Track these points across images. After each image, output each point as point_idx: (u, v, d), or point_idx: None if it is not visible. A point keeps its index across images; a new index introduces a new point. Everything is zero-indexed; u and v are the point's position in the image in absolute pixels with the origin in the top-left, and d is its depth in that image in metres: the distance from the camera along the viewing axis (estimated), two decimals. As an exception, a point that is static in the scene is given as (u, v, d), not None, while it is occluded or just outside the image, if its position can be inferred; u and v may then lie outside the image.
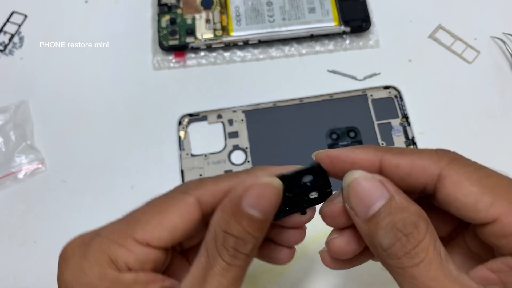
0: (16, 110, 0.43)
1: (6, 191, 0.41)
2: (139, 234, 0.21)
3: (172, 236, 0.21)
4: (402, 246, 0.19)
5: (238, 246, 0.20)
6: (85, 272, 0.20)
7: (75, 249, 0.21)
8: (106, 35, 0.47)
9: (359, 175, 0.21)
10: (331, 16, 0.45)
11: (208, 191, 0.22)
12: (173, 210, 0.21)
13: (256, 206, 0.20)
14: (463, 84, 0.44)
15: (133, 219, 0.21)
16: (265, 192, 0.21)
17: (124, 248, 0.20)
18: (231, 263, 0.20)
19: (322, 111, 0.43)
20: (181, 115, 0.43)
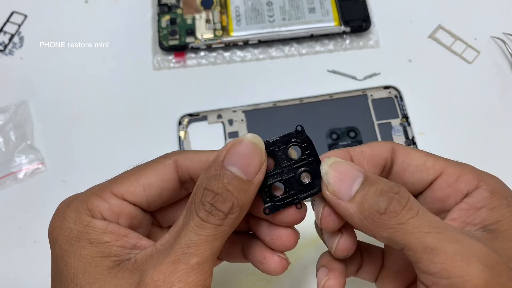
0: (16, 110, 0.43)
1: (6, 191, 0.41)
2: (116, 187, 0.23)
3: (146, 193, 0.23)
4: (398, 202, 0.21)
5: (216, 202, 0.20)
6: (65, 217, 0.22)
7: (65, 202, 0.23)
8: (106, 35, 0.47)
9: (333, 160, 0.23)
10: (331, 16, 0.45)
11: (187, 157, 0.24)
12: (150, 169, 0.23)
13: (237, 164, 0.21)
14: (463, 84, 0.44)
15: (115, 177, 0.24)
16: (246, 150, 0.21)
17: (100, 198, 0.22)
18: (206, 219, 0.20)
19: (322, 111, 0.43)
20: (181, 115, 0.43)
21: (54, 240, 0.22)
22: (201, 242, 0.20)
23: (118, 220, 0.22)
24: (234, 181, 0.21)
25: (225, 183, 0.20)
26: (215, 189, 0.20)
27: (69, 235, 0.21)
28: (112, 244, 0.21)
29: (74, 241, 0.21)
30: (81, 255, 0.21)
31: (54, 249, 0.22)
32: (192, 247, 0.20)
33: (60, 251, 0.21)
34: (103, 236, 0.21)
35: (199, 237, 0.20)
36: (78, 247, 0.21)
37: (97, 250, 0.21)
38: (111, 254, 0.21)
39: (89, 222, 0.22)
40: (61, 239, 0.21)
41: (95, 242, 0.21)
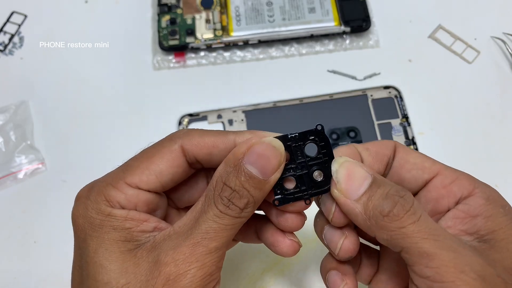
0: (16, 110, 0.43)
1: (6, 191, 0.41)
2: (129, 178, 0.24)
3: (159, 180, 0.24)
4: (402, 206, 0.21)
5: (233, 198, 0.22)
6: (87, 207, 0.23)
7: (84, 191, 0.25)
8: (106, 35, 0.47)
9: (344, 160, 0.24)
10: (331, 16, 0.45)
11: (193, 142, 0.24)
12: (159, 156, 0.24)
13: (255, 164, 0.22)
14: (463, 84, 0.44)
15: (126, 165, 0.25)
16: (266, 152, 0.22)
17: (116, 189, 0.23)
18: (224, 211, 0.22)
19: (322, 111, 0.43)
20: (181, 115, 0.43)
21: (78, 227, 0.23)
22: (220, 229, 0.22)
23: (136, 208, 0.24)
24: (251, 180, 0.22)
25: (242, 181, 0.22)
26: (233, 186, 0.22)
27: (92, 223, 0.23)
28: (134, 229, 0.23)
29: (97, 227, 0.23)
30: (105, 238, 0.23)
31: (79, 234, 0.23)
32: (211, 233, 0.22)
33: (84, 235, 0.23)
34: (125, 223, 0.23)
35: (218, 225, 0.22)
36: (102, 232, 0.23)
37: (119, 234, 0.23)
38: (132, 239, 0.23)
39: (110, 212, 0.23)
40: (86, 225, 0.23)
41: (117, 228, 0.23)
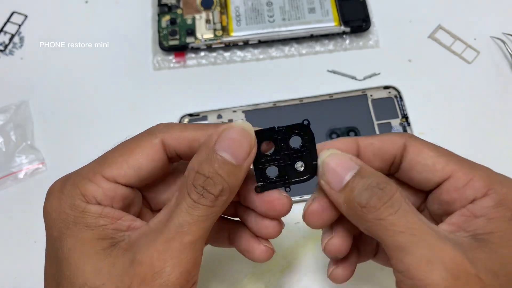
0: (16, 110, 0.43)
1: (6, 191, 0.41)
2: (107, 171, 0.23)
3: (137, 174, 0.23)
4: (379, 198, 0.21)
5: (207, 185, 0.21)
6: (61, 202, 0.23)
7: (57, 185, 0.24)
8: (106, 35, 0.47)
9: (332, 152, 0.23)
10: (331, 16, 0.45)
11: (174, 136, 0.24)
12: (139, 150, 0.23)
13: (228, 149, 0.22)
14: (463, 84, 0.44)
15: (103, 158, 0.24)
16: (237, 136, 0.22)
17: (93, 183, 0.23)
18: (198, 201, 0.21)
19: (322, 111, 0.43)
20: (181, 115, 0.43)
21: (51, 223, 0.23)
22: (193, 221, 0.21)
23: (112, 203, 0.23)
24: (224, 166, 0.22)
25: (215, 167, 0.21)
26: (206, 173, 0.21)
27: (66, 219, 0.22)
28: (108, 227, 0.22)
29: (71, 225, 0.22)
30: (78, 237, 0.22)
31: (52, 231, 0.23)
32: (185, 226, 0.21)
33: (57, 233, 0.22)
34: (99, 220, 0.22)
35: (192, 217, 0.21)
36: (75, 230, 0.22)
37: (94, 232, 0.22)
38: (107, 236, 0.22)
39: (84, 208, 0.22)
40: (58, 222, 0.22)
41: (91, 225, 0.22)
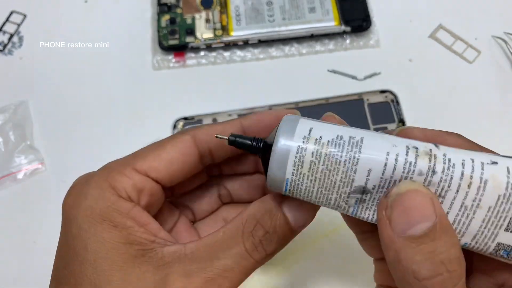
0: (15, 110, 0.43)
1: (6, 191, 0.41)
2: (138, 164, 0.22)
3: (168, 168, 0.22)
4: (442, 282, 0.17)
5: (264, 240, 0.21)
6: (85, 195, 0.21)
7: (81, 179, 0.22)
8: (106, 35, 0.47)
9: (418, 187, 0.18)
10: (331, 15, 0.45)
11: (204, 130, 0.24)
12: (170, 145, 0.23)
13: (293, 211, 0.21)
14: (463, 84, 0.44)
15: (134, 153, 0.23)
16: (307, 204, 0.21)
17: (123, 175, 0.21)
18: (250, 252, 0.21)
19: (318, 115, 0.42)
20: (176, 118, 0.43)
21: (71, 219, 0.21)
22: (238, 272, 0.20)
23: (140, 197, 0.22)
24: (284, 226, 0.21)
25: (277, 225, 0.21)
26: (267, 227, 0.21)
27: (90, 215, 0.20)
28: (136, 230, 0.21)
29: (96, 222, 0.20)
30: (104, 239, 0.20)
31: (70, 228, 0.20)
32: (229, 272, 0.20)
33: (78, 230, 0.20)
34: (126, 220, 0.20)
35: (238, 266, 0.20)
36: (101, 229, 0.20)
37: (121, 235, 0.20)
38: (135, 241, 0.20)
39: (114, 202, 0.21)
40: (80, 218, 0.20)
41: (119, 225, 0.20)
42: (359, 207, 0.20)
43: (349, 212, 0.21)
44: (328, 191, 0.20)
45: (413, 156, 0.19)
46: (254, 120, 0.24)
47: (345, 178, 0.20)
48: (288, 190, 0.21)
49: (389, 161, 0.19)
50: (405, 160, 0.19)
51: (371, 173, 0.19)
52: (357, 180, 0.19)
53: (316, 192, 0.20)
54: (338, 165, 0.19)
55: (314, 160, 0.20)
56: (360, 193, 0.20)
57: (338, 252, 0.37)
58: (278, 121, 0.22)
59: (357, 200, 0.20)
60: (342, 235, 0.37)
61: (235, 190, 0.27)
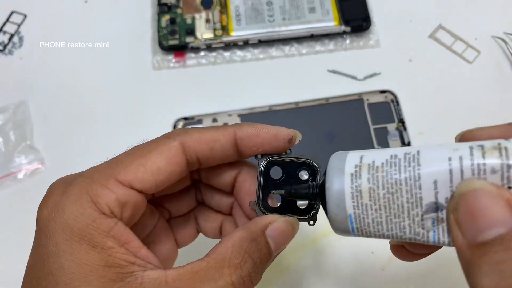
0: (15, 110, 0.43)
1: (6, 191, 0.41)
2: (122, 174, 0.20)
3: (155, 178, 0.21)
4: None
5: (253, 272, 0.20)
6: (63, 209, 0.19)
7: (57, 187, 0.21)
8: (106, 35, 0.47)
9: (483, 186, 0.16)
10: (331, 15, 0.45)
11: (193, 137, 0.22)
12: (156, 152, 0.21)
13: (275, 239, 0.21)
14: (463, 84, 0.44)
15: (116, 161, 0.21)
16: (287, 231, 0.22)
17: (105, 188, 0.20)
18: (236, 285, 0.20)
19: (318, 115, 0.42)
20: (176, 118, 0.43)
21: (48, 234, 0.19)
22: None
23: (122, 211, 0.20)
24: (267, 255, 0.21)
25: (262, 254, 0.21)
26: (255, 258, 0.20)
27: (69, 233, 0.19)
28: (116, 251, 0.19)
29: (74, 241, 0.19)
30: (82, 260, 0.19)
31: (46, 244, 0.19)
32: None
33: (54, 247, 0.19)
34: (107, 240, 0.19)
35: None
36: (78, 249, 0.19)
37: (100, 257, 0.19)
38: (114, 264, 0.19)
39: (95, 219, 0.19)
40: (58, 235, 0.19)
41: (98, 246, 0.19)
42: (439, 229, 0.18)
43: (430, 240, 0.18)
44: (398, 217, 0.18)
45: (479, 154, 0.17)
46: (250, 133, 0.23)
47: (411, 198, 0.18)
48: (355, 228, 0.19)
49: (453, 166, 0.17)
50: (471, 161, 0.17)
51: (437, 184, 0.17)
52: (426, 197, 0.17)
53: (386, 223, 0.18)
54: (399, 185, 0.18)
55: (372, 186, 0.18)
56: (434, 211, 0.18)
57: (338, 252, 0.37)
58: (275, 140, 0.22)
59: (433, 220, 0.18)
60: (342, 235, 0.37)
61: (207, 198, 0.27)
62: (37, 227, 0.20)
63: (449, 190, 0.17)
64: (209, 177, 0.25)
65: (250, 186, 0.24)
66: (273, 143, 0.23)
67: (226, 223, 0.27)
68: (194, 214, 0.28)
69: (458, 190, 0.17)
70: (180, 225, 0.27)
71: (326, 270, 0.37)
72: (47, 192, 0.21)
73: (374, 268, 0.37)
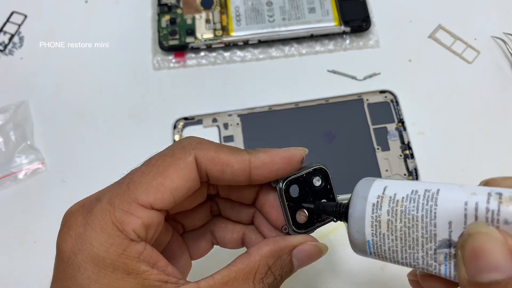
0: (16, 110, 0.43)
1: (6, 191, 0.41)
2: (143, 197, 0.20)
3: (174, 196, 0.21)
4: None
5: (272, 286, 0.22)
6: (91, 242, 0.19)
7: (78, 216, 0.20)
8: (106, 35, 0.47)
9: (490, 231, 0.17)
10: (331, 16, 0.45)
11: (208, 156, 0.22)
12: (173, 170, 0.21)
13: (299, 260, 0.23)
14: (463, 84, 0.44)
15: (133, 182, 0.21)
16: (314, 255, 0.23)
17: (130, 214, 0.20)
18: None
19: (317, 115, 0.42)
20: (176, 118, 0.43)
21: (76, 267, 0.19)
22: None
23: (147, 234, 0.20)
24: (289, 272, 0.23)
25: (284, 271, 0.22)
26: (276, 274, 0.22)
27: (101, 265, 0.19)
28: (150, 273, 0.20)
29: (108, 272, 0.19)
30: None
31: (76, 276, 0.19)
32: None
33: (87, 281, 0.19)
34: (140, 265, 0.19)
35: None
36: (114, 279, 0.19)
37: (136, 282, 0.19)
38: (150, 286, 0.19)
39: (126, 248, 0.19)
40: (89, 267, 0.19)
41: (133, 272, 0.19)
42: (450, 263, 0.19)
43: (442, 272, 0.19)
44: (413, 249, 0.19)
45: (495, 203, 0.17)
46: (265, 162, 0.22)
47: (426, 234, 0.18)
48: (373, 253, 0.20)
49: (469, 211, 0.17)
50: (487, 208, 0.17)
51: (452, 224, 0.18)
52: (440, 234, 0.18)
53: (401, 252, 0.19)
54: (416, 221, 0.19)
55: (391, 219, 0.19)
56: (447, 247, 0.18)
57: (338, 251, 0.37)
58: (290, 164, 0.23)
59: (446, 255, 0.18)
60: (342, 235, 0.38)
61: (226, 210, 0.27)
62: (60, 258, 0.20)
63: (462, 229, 0.18)
64: (228, 193, 0.25)
65: (274, 200, 0.24)
66: (288, 168, 0.23)
67: (249, 233, 0.27)
68: (209, 227, 0.27)
69: (467, 229, 0.18)
70: (194, 238, 0.27)
71: (326, 269, 0.37)
72: (64, 221, 0.21)
73: (374, 267, 0.37)
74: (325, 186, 0.25)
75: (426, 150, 0.40)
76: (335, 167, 0.40)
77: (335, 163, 0.40)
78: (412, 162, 0.40)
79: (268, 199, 0.25)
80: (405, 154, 0.40)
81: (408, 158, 0.40)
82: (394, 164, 0.40)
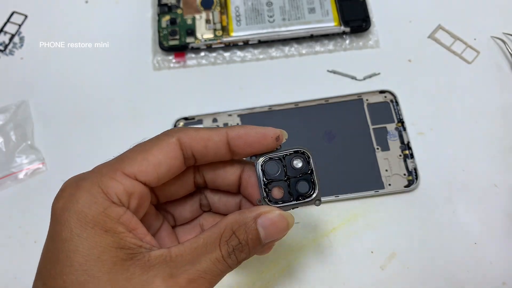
0: (16, 110, 0.43)
1: (6, 191, 0.41)
2: (127, 168, 0.23)
3: (156, 171, 0.24)
4: None
5: (237, 249, 0.23)
6: (77, 200, 0.22)
7: (71, 182, 0.23)
8: (106, 35, 0.47)
9: None
10: (331, 16, 0.45)
11: (189, 135, 0.25)
12: (157, 148, 0.24)
13: (266, 229, 0.24)
14: (463, 84, 0.44)
15: (121, 157, 0.24)
16: (279, 223, 0.24)
17: (114, 179, 0.22)
18: (225, 258, 0.23)
19: (317, 115, 0.42)
20: (176, 118, 0.43)
21: (62, 222, 0.21)
22: (216, 274, 0.23)
23: (130, 201, 0.23)
24: (255, 240, 0.24)
25: (249, 238, 0.23)
26: (241, 238, 0.23)
27: (83, 220, 0.21)
28: (126, 235, 0.22)
29: (88, 227, 0.21)
30: (96, 243, 0.21)
31: (61, 231, 0.21)
32: (208, 274, 0.22)
33: (69, 234, 0.21)
34: (118, 226, 0.22)
35: (215, 269, 0.23)
36: (93, 233, 0.21)
37: (113, 240, 0.21)
38: (125, 246, 0.22)
39: (107, 207, 0.22)
40: (73, 222, 0.21)
41: (110, 231, 0.21)
42: None
43: None
44: None
45: None
46: (241, 133, 0.25)
47: None
48: None
49: None
50: None
51: None
52: None
53: None
54: None
55: None
56: None
57: (338, 251, 0.37)
58: (264, 139, 0.25)
59: None
60: (341, 235, 0.38)
61: (215, 202, 0.29)
62: (52, 218, 0.22)
63: None
64: (214, 180, 0.27)
65: (255, 180, 0.26)
66: (263, 142, 0.25)
67: None
68: (199, 221, 0.29)
69: None
70: (185, 232, 0.29)
71: (325, 269, 0.37)
72: (61, 188, 0.23)
73: (373, 267, 0.37)
74: (305, 169, 0.26)
75: (426, 150, 0.40)
76: (335, 167, 0.40)
77: (335, 163, 0.40)
78: (412, 162, 0.40)
79: (250, 180, 0.27)
80: (404, 154, 0.40)
81: (407, 158, 0.40)
82: (394, 164, 0.40)
